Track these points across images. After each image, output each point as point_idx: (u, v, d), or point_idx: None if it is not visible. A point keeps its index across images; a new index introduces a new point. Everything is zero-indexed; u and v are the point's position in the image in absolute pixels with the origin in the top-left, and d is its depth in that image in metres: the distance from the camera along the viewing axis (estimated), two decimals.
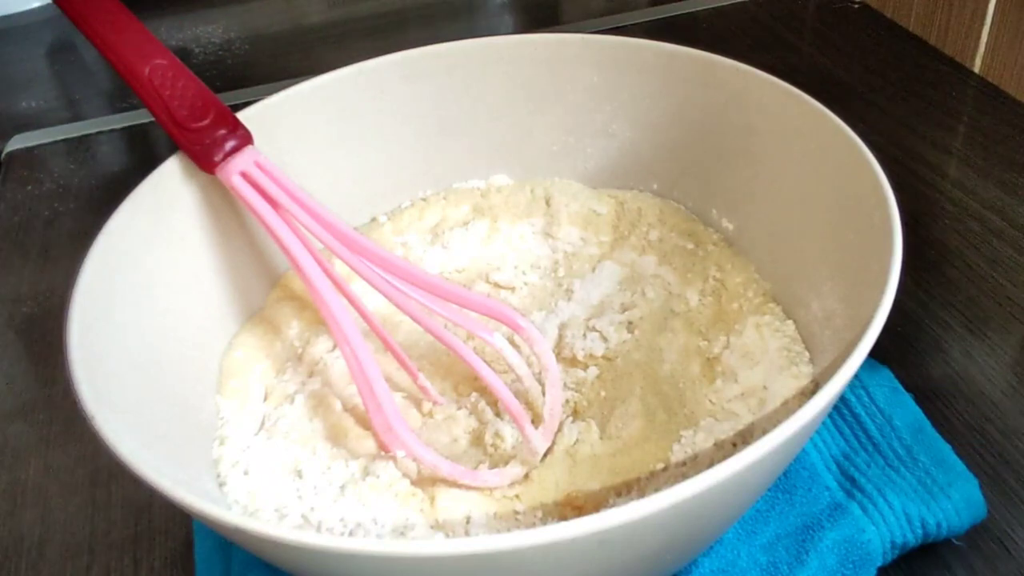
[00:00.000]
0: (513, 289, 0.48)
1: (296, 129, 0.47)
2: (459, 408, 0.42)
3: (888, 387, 0.43)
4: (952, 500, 0.37)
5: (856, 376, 0.30)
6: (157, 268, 0.39)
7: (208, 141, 0.40)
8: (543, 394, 0.40)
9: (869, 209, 0.36)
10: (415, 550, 0.25)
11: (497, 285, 0.49)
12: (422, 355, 0.44)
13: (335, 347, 0.44)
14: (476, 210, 0.51)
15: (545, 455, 0.39)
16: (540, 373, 0.40)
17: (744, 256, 0.46)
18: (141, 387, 0.34)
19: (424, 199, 0.53)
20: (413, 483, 0.37)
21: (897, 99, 0.66)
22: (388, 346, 0.42)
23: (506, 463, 0.38)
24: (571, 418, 0.41)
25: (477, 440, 0.40)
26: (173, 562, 0.40)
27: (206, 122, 0.40)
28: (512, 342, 0.42)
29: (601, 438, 0.40)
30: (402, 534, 0.36)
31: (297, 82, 0.47)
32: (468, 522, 0.36)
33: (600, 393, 0.42)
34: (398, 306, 0.39)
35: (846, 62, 0.71)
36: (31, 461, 0.46)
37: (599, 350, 0.43)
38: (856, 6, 0.78)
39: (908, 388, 0.43)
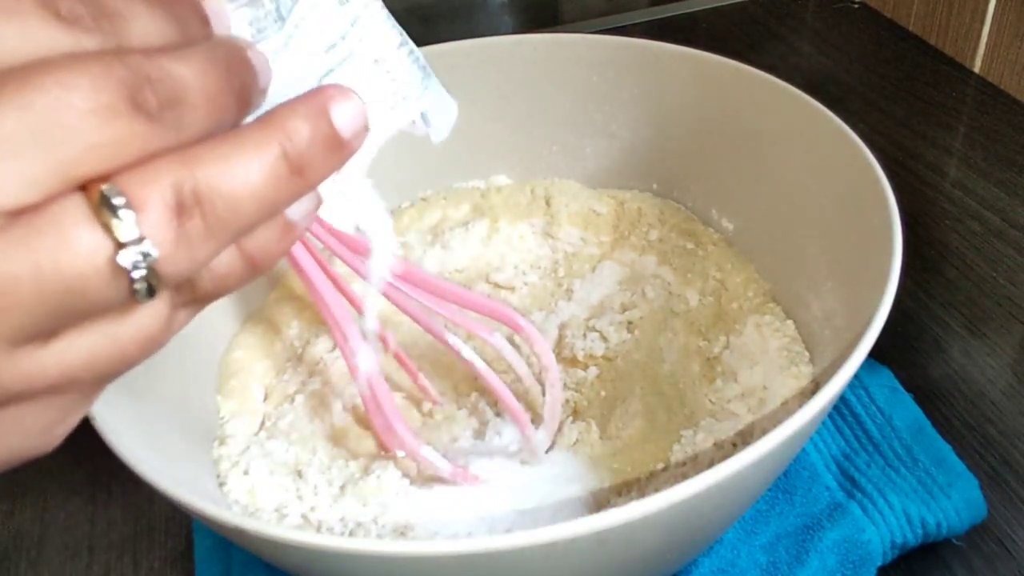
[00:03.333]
0: (513, 289, 0.48)
1: None
2: (459, 408, 0.42)
3: (888, 387, 0.43)
4: (952, 500, 0.37)
5: (856, 376, 0.30)
6: None
7: None
8: (543, 394, 0.40)
9: (869, 209, 0.36)
10: (415, 550, 0.25)
11: (497, 285, 0.49)
12: (422, 355, 0.44)
13: (335, 347, 0.44)
14: (476, 210, 0.51)
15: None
16: (540, 373, 0.40)
17: (744, 256, 0.46)
18: (141, 387, 0.34)
19: (424, 199, 0.53)
20: (413, 483, 0.37)
21: (897, 99, 0.66)
22: (388, 346, 0.42)
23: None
24: (571, 418, 0.41)
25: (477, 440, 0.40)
26: (173, 562, 0.40)
27: None
28: (512, 342, 0.42)
29: (601, 438, 0.40)
30: (402, 534, 0.36)
31: None
32: (468, 521, 0.36)
33: (600, 393, 0.42)
34: (398, 306, 0.39)
35: (846, 62, 0.71)
36: (31, 461, 0.46)
37: (599, 350, 0.43)
38: (856, 6, 0.78)
39: (908, 388, 0.43)
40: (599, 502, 0.37)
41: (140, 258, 0.18)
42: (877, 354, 0.43)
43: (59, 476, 0.45)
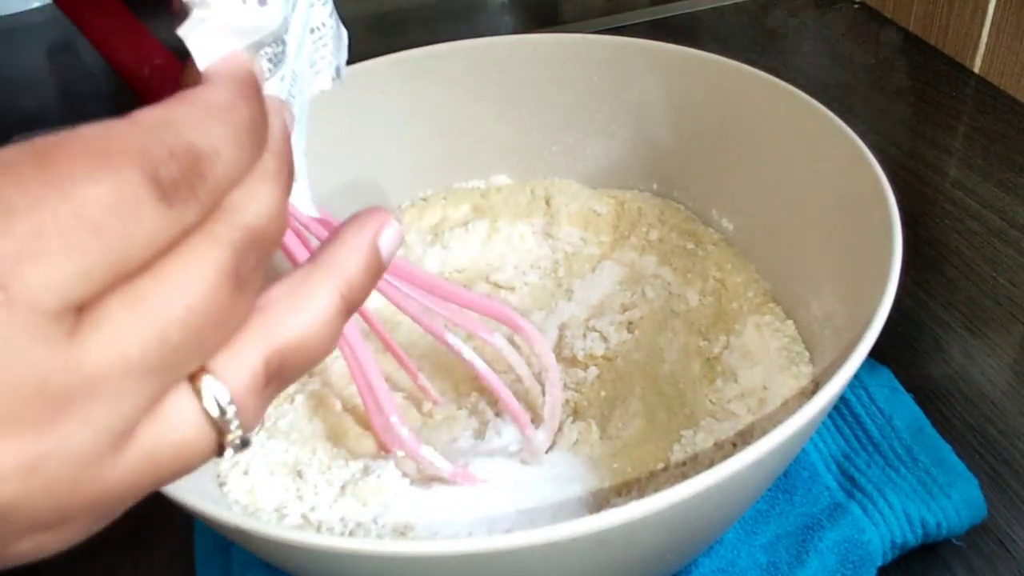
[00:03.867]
0: (513, 289, 0.48)
1: None
2: (459, 408, 0.42)
3: (888, 387, 0.43)
4: (952, 500, 0.37)
5: (856, 376, 0.30)
6: None
7: None
8: (543, 394, 0.40)
9: (869, 209, 0.36)
10: (415, 550, 0.25)
11: (497, 285, 0.49)
12: (422, 355, 0.44)
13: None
14: (476, 210, 0.51)
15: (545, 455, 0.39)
16: (540, 373, 0.40)
17: (744, 256, 0.46)
18: None
19: (424, 199, 0.53)
20: (413, 483, 0.37)
21: (897, 99, 0.66)
22: (388, 346, 0.42)
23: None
24: (571, 418, 0.41)
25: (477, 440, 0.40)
26: (173, 562, 0.40)
27: None
28: (512, 342, 0.42)
29: (601, 438, 0.40)
30: (402, 534, 0.36)
31: None
32: (468, 521, 0.36)
33: (600, 393, 0.42)
34: (398, 306, 0.39)
35: (846, 62, 0.71)
36: None
37: (599, 350, 0.43)
38: (856, 6, 0.78)
39: (908, 388, 0.43)
40: (599, 502, 0.37)
41: (237, 440, 0.19)
42: (877, 354, 0.43)
43: None
